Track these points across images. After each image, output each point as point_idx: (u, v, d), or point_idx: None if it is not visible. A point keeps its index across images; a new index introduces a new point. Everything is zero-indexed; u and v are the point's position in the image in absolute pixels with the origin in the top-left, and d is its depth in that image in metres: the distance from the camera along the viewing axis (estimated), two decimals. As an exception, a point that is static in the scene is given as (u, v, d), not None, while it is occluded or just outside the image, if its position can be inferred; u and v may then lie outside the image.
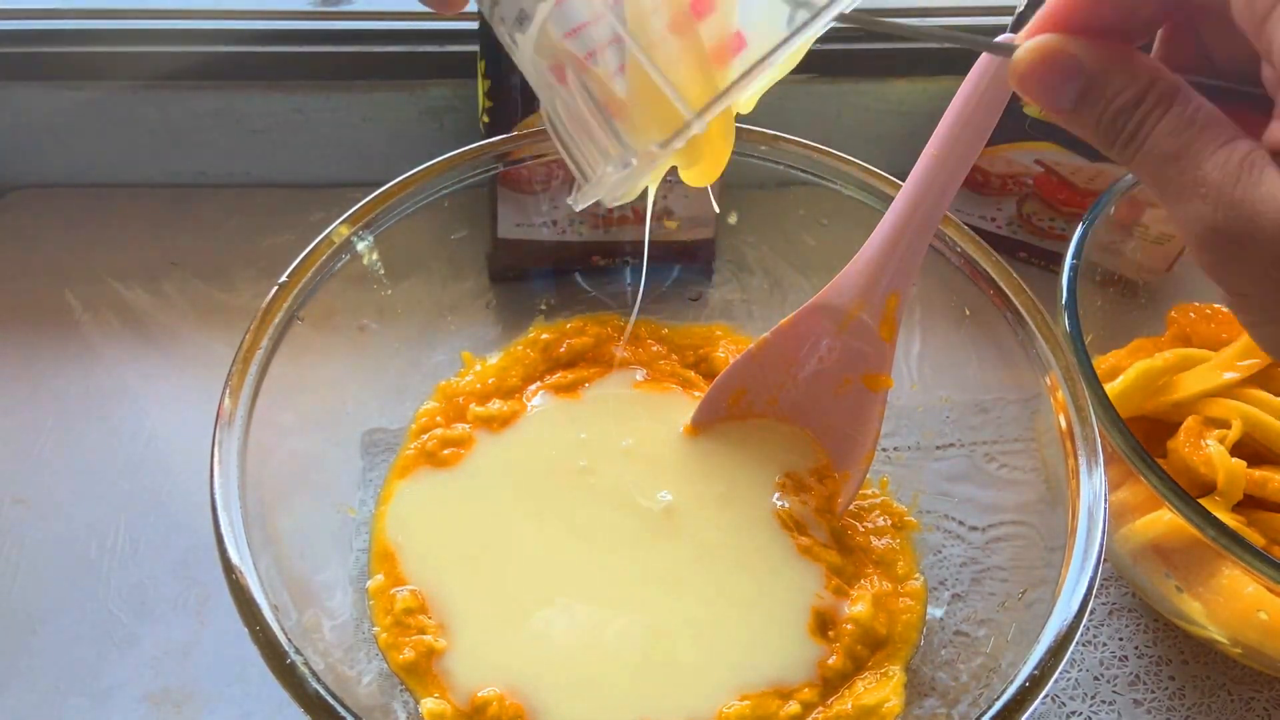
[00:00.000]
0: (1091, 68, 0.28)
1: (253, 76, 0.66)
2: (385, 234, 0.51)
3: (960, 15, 0.68)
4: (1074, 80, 0.28)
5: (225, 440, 0.43)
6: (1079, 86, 0.28)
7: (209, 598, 0.53)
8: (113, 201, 0.70)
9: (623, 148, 0.31)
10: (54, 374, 0.61)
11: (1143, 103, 0.27)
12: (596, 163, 0.32)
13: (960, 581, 0.51)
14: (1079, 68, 0.28)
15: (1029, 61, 0.29)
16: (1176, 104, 0.27)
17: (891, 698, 0.46)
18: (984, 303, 0.50)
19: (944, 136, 0.44)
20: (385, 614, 0.48)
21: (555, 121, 0.34)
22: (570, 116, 0.32)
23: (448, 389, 0.56)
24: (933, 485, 0.54)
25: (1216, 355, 0.54)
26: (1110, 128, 0.28)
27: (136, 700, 0.50)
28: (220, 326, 0.63)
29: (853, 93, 0.69)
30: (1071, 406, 0.45)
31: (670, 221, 0.61)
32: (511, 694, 0.45)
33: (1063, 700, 0.52)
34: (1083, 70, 0.28)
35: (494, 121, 0.59)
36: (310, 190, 0.71)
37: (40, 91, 0.65)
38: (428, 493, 0.52)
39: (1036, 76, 0.29)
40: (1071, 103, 0.28)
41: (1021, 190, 0.67)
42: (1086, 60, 0.28)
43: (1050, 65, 0.28)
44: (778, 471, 0.53)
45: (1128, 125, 0.27)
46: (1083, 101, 0.28)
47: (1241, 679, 0.52)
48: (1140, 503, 0.48)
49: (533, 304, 0.60)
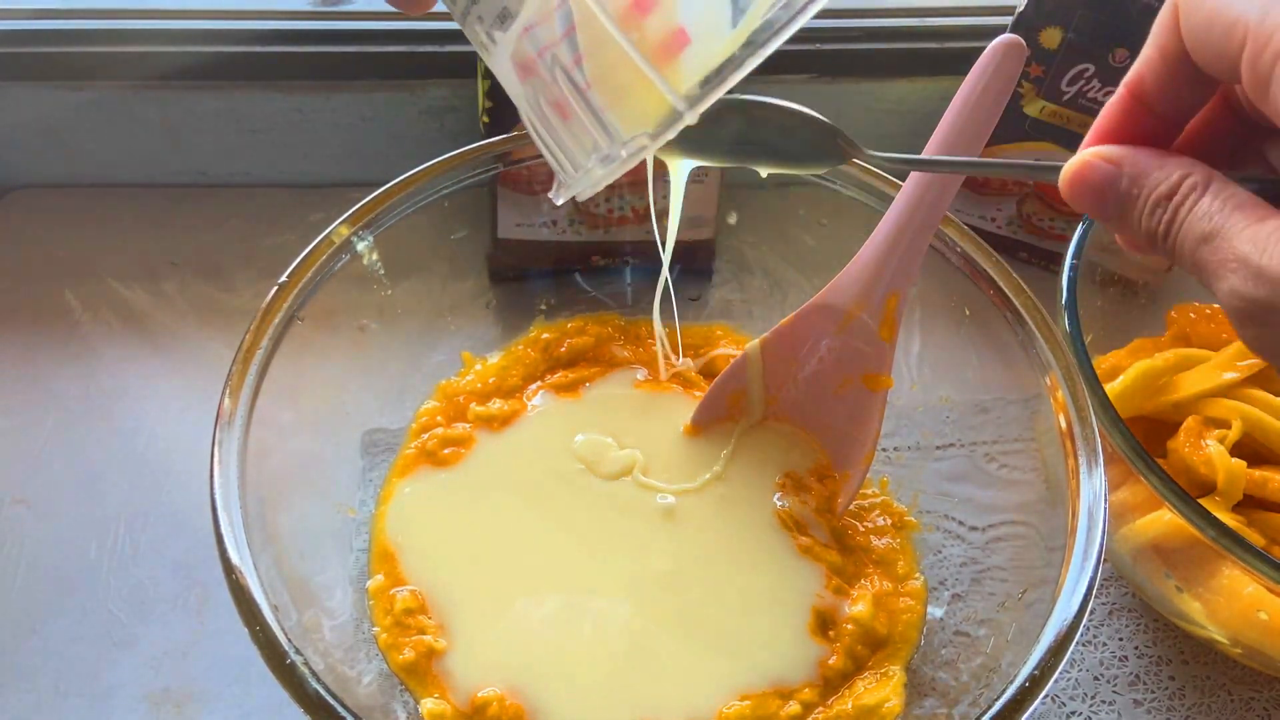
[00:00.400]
0: (1129, 170, 0.29)
1: (253, 76, 0.66)
2: (385, 234, 0.51)
3: (960, 15, 0.68)
4: (1116, 183, 0.30)
5: (225, 440, 0.43)
6: (1121, 190, 0.30)
7: (209, 598, 0.53)
8: (113, 201, 0.70)
9: (611, 139, 0.32)
10: (54, 374, 0.61)
11: (1176, 193, 0.28)
12: (581, 156, 0.33)
13: (960, 581, 0.51)
14: (1117, 171, 0.30)
15: (1073, 175, 0.30)
16: (1209, 191, 0.28)
17: (891, 697, 0.46)
18: (984, 303, 0.50)
19: (944, 136, 0.44)
20: (385, 614, 0.48)
21: (534, 117, 0.34)
22: (554, 111, 0.33)
23: (448, 388, 0.56)
24: (933, 485, 0.54)
25: (1216, 355, 0.54)
26: (1149, 221, 0.29)
27: (136, 700, 0.50)
28: (220, 326, 0.63)
29: (853, 93, 0.69)
30: (1071, 406, 0.45)
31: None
32: (511, 694, 0.45)
33: (1063, 700, 0.52)
34: (1122, 173, 0.30)
35: (494, 121, 0.59)
36: (310, 190, 0.71)
37: (40, 91, 0.65)
38: (428, 492, 0.52)
39: (1081, 188, 0.30)
40: (1116, 208, 0.30)
41: (1021, 190, 0.67)
42: (1124, 162, 0.30)
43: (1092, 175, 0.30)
44: (778, 471, 0.53)
45: (1164, 216, 0.28)
46: (1125, 204, 0.29)
47: (1241, 679, 0.52)
48: (1140, 503, 0.48)
49: (533, 304, 0.60)
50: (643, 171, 0.61)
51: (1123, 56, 0.58)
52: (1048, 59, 0.60)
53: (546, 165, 0.60)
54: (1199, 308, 0.57)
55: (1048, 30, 0.59)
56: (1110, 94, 0.60)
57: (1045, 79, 0.61)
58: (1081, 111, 0.61)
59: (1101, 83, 0.60)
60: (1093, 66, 0.59)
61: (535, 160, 0.55)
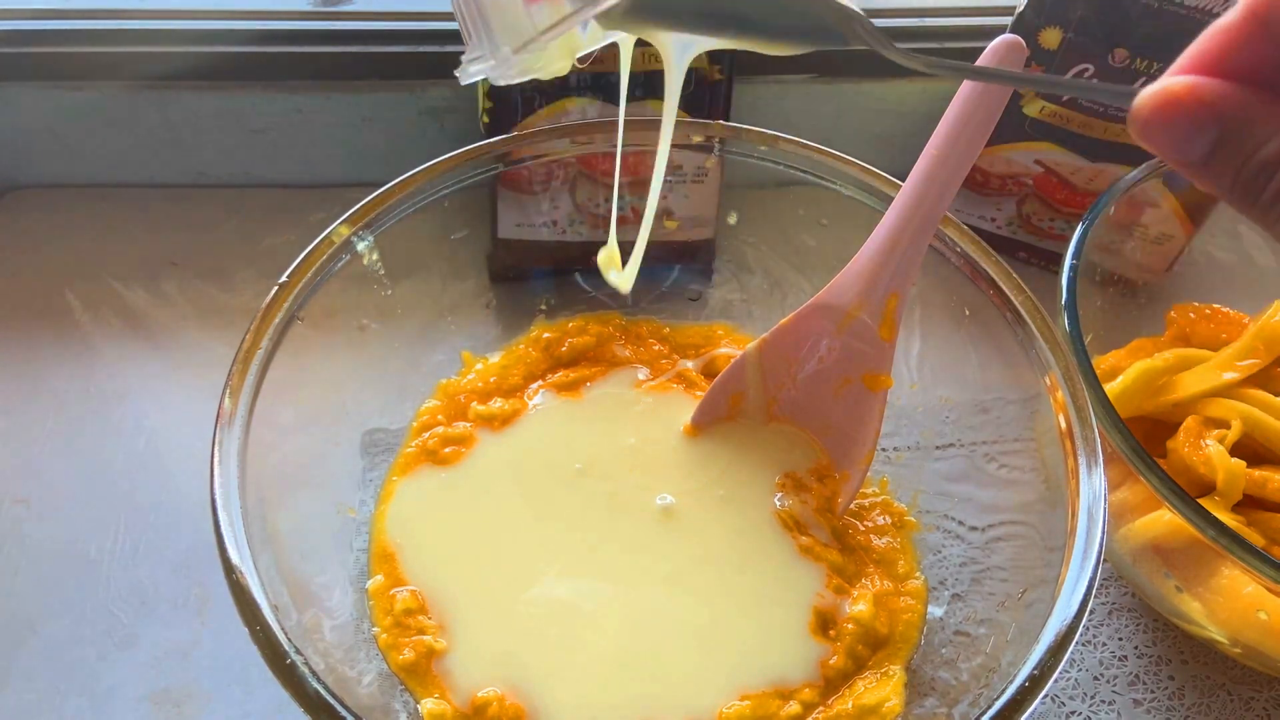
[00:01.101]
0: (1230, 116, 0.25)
1: (253, 76, 0.66)
2: (385, 234, 0.51)
3: (960, 15, 0.68)
4: (1207, 131, 0.25)
5: (225, 440, 0.43)
6: (1212, 138, 0.25)
7: (209, 598, 0.53)
8: (113, 201, 0.70)
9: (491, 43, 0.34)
10: (54, 374, 0.61)
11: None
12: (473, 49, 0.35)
13: (960, 581, 0.51)
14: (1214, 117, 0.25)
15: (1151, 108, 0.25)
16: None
17: (892, 697, 0.46)
18: (984, 303, 0.50)
19: (944, 136, 0.44)
20: (385, 614, 0.48)
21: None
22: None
23: (449, 387, 0.56)
24: (933, 485, 0.55)
25: (1216, 355, 0.54)
26: (1250, 185, 0.25)
27: (136, 700, 0.50)
28: (220, 326, 0.63)
29: (853, 93, 0.69)
30: (1071, 406, 0.45)
31: (670, 221, 0.61)
32: (511, 694, 0.45)
33: (1062, 700, 0.52)
34: (1219, 119, 0.25)
35: (494, 121, 0.59)
36: (310, 190, 0.71)
37: (40, 91, 0.65)
38: (428, 492, 0.52)
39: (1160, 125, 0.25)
40: (1203, 156, 0.25)
41: (1021, 190, 0.67)
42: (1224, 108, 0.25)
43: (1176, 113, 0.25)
44: (778, 472, 0.53)
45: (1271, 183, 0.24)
46: (1217, 154, 0.25)
47: (1241, 679, 0.52)
48: (1140, 503, 0.48)
49: (533, 304, 0.60)
50: (643, 171, 0.61)
51: (1123, 56, 0.58)
52: (1048, 59, 0.60)
53: (547, 165, 0.60)
54: (1199, 308, 0.57)
55: (1048, 30, 0.59)
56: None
57: (1045, 79, 0.61)
58: (1082, 111, 0.61)
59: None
60: (1093, 66, 0.59)
61: (535, 160, 0.55)
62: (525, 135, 0.54)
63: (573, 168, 0.58)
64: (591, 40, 0.37)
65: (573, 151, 0.55)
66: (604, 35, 0.36)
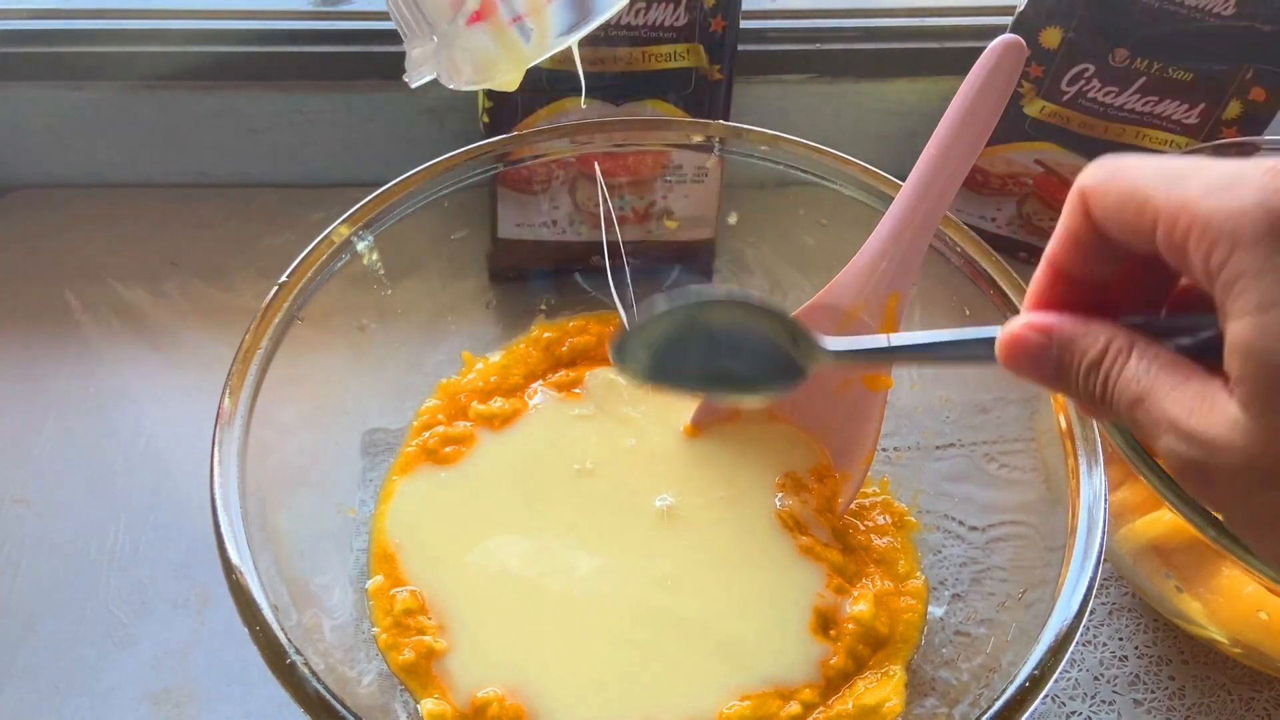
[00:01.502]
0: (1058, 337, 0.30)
1: (253, 76, 0.66)
2: (385, 234, 0.51)
3: (960, 15, 0.68)
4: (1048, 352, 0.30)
5: (225, 440, 0.43)
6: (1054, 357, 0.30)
7: (209, 598, 0.53)
8: (113, 201, 0.70)
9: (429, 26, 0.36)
10: (54, 374, 0.61)
11: (1104, 358, 0.29)
12: (411, 40, 0.37)
13: (960, 581, 0.51)
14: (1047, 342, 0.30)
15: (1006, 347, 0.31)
16: (1134, 354, 0.28)
17: (892, 697, 0.46)
18: (984, 303, 0.50)
19: (944, 136, 0.44)
20: (385, 614, 0.48)
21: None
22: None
23: (449, 387, 0.56)
24: (933, 485, 0.55)
25: (1216, 355, 0.54)
26: (1085, 385, 0.29)
27: (136, 700, 0.50)
28: (220, 326, 0.63)
29: (853, 93, 0.69)
30: (1071, 406, 0.45)
31: (670, 221, 0.61)
32: (511, 694, 0.45)
33: (1063, 700, 0.52)
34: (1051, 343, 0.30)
35: (494, 121, 0.59)
36: (310, 190, 0.71)
37: (40, 91, 0.65)
38: (428, 491, 0.52)
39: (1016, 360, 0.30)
40: (1054, 374, 0.30)
41: (1021, 190, 0.67)
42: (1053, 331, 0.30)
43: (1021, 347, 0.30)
44: (778, 472, 0.53)
45: (1097, 380, 0.29)
46: (1060, 370, 0.30)
47: (1241, 679, 0.52)
48: (1140, 503, 0.48)
49: (533, 304, 0.60)
50: (643, 171, 0.61)
51: (1123, 56, 0.58)
52: (1048, 59, 0.60)
53: (547, 165, 0.60)
54: (1199, 308, 0.57)
55: (1048, 30, 0.59)
56: (1111, 94, 0.60)
57: (1045, 79, 0.61)
58: (1081, 111, 0.61)
59: (1101, 83, 0.60)
60: (1093, 66, 0.59)
61: (535, 160, 0.55)
62: (525, 135, 0.54)
63: (573, 168, 0.58)
64: (536, 53, 0.39)
65: (573, 151, 0.55)
66: (549, 47, 0.38)
